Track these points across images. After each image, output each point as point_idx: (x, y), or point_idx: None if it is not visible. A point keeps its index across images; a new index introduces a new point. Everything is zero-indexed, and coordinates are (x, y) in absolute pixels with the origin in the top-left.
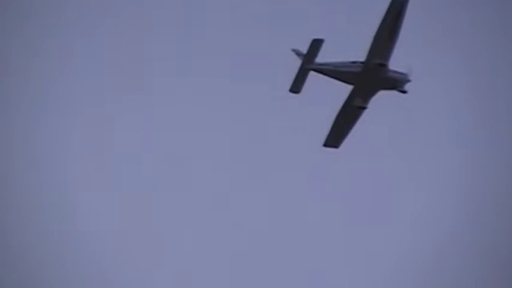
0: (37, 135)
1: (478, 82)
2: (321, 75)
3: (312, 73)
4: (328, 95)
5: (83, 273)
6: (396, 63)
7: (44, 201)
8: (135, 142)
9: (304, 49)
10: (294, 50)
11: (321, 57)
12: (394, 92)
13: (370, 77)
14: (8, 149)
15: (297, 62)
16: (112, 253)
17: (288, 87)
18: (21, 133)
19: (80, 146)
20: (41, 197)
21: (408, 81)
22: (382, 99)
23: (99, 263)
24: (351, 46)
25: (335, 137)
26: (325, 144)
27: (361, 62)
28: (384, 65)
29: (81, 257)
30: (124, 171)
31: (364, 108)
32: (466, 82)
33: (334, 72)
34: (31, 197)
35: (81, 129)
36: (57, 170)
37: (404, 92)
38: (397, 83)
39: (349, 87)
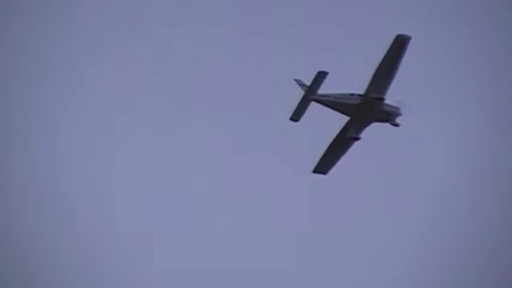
0: (34, 135)
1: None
2: (319, 105)
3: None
4: (324, 125)
5: (81, 273)
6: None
7: (43, 200)
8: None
9: (303, 79)
10: (296, 80)
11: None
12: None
13: (367, 110)
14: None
15: (297, 91)
16: (114, 252)
17: (289, 115)
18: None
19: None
20: (40, 196)
21: (400, 114)
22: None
23: (98, 263)
24: (347, 78)
25: (325, 165)
26: (315, 171)
27: (359, 95)
28: (382, 99)
29: (80, 257)
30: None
31: (357, 139)
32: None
33: (334, 103)
34: (31, 197)
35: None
36: (55, 169)
37: (396, 125)
38: (391, 116)
39: (343, 118)
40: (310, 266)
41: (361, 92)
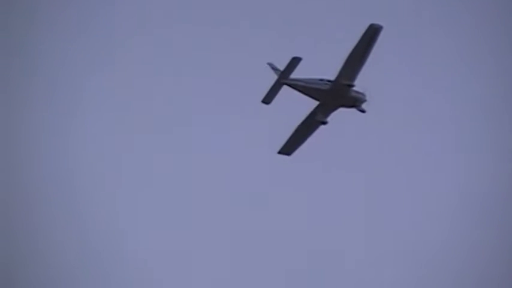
0: (44, 136)
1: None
2: (291, 90)
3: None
4: (293, 108)
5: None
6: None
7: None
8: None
9: (277, 63)
10: (269, 64)
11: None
12: None
13: (336, 95)
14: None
15: (270, 75)
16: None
17: (261, 98)
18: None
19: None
20: (48, 195)
21: (365, 101)
22: None
23: (102, 261)
24: (317, 63)
25: (290, 146)
26: (280, 152)
27: (328, 80)
28: (351, 86)
29: (87, 255)
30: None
31: (324, 123)
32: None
33: (306, 88)
34: (40, 196)
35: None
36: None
37: (363, 111)
38: (357, 102)
39: (312, 102)
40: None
41: (331, 78)
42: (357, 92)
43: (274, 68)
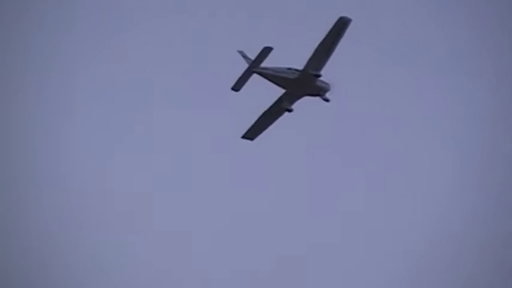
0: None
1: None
2: (259, 77)
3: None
4: (260, 95)
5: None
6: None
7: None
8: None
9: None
10: (239, 52)
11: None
12: None
13: (303, 84)
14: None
15: (239, 62)
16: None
17: (230, 85)
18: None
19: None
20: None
21: (329, 90)
22: None
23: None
24: (285, 52)
25: (254, 132)
26: (243, 136)
27: (296, 69)
28: (319, 76)
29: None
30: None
31: (290, 110)
32: None
33: (274, 77)
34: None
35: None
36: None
37: (327, 100)
38: (322, 91)
39: (274, 89)
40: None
41: (298, 67)
42: (322, 82)
43: (244, 56)
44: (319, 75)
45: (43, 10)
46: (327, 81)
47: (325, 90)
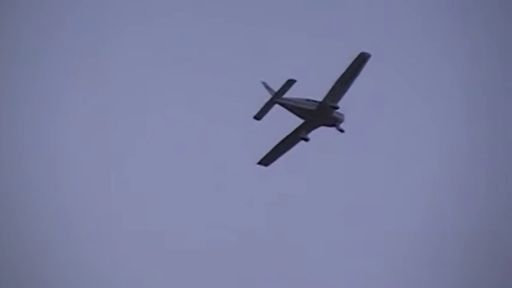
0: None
1: None
2: (280, 108)
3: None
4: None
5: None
6: None
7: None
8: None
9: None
10: (263, 83)
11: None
12: None
13: (321, 115)
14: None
15: (262, 92)
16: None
17: (253, 113)
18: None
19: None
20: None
21: (343, 121)
22: None
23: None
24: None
25: (270, 158)
26: (259, 162)
27: (314, 101)
28: (337, 108)
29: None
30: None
31: (306, 139)
32: None
33: (295, 107)
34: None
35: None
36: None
37: (342, 131)
38: (337, 122)
39: (294, 119)
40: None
41: (315, 97)
42: (337, 113)
43: (267, 87)
44: (336, 107)
45: (35, 5)
46: (341, 112)
47: (340, 121)
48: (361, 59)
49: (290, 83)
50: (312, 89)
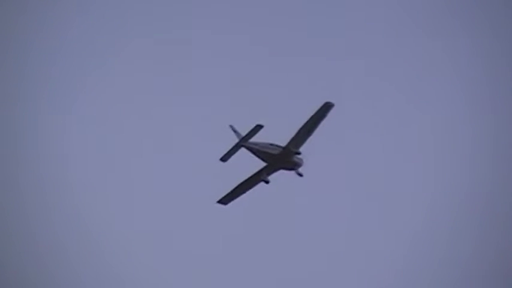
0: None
1: None
2: (245, 151)
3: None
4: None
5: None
6: None
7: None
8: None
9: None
10: (230, 126)
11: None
12: None
13: (283, 159)
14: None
15: (229, 135)
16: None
17: (219, 156)
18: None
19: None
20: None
21: (302, 165)
22: None
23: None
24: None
25: (230, 198)
26: (219, 201)
27: (277, 145)
28: (299, 153)
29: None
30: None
31: (267, 182)
32: None
33: (260, 151)
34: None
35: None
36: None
37: (301, 175)
38: (296, 166)
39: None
40: None
41: (276, 142)
42: (297, 158)
43: (235, 131)
44: (298, 153)
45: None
46: (300, 156)
47: (299, 165)
48: (325, 108)
49: (257, 128)
50: (273, 133)
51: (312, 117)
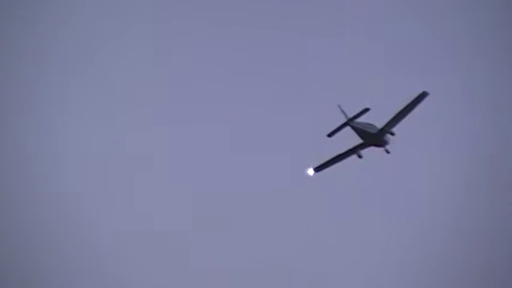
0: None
1: None
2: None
3: None
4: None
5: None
6: None
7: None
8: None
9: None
10: (339, 106)
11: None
12: None
13: (378, 138)
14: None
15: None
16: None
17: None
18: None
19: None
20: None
21: (389, 143)
22: None
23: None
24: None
25: (323, 167)
26: (315, 169)
27: (374, 126)
28: (393, 133)
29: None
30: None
31: (360, 156)
32: None
33: (361, 130)
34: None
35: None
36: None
37: (388, 152)
38: (386, 144)
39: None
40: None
41: (371, 121)
42: (387, 137)
43: (342, 111)
44: (392, 133)
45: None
46: (389, 136)
47: (388, 143)
48: (421, 97)
49: (364, 111)
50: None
51: (408, 104)
